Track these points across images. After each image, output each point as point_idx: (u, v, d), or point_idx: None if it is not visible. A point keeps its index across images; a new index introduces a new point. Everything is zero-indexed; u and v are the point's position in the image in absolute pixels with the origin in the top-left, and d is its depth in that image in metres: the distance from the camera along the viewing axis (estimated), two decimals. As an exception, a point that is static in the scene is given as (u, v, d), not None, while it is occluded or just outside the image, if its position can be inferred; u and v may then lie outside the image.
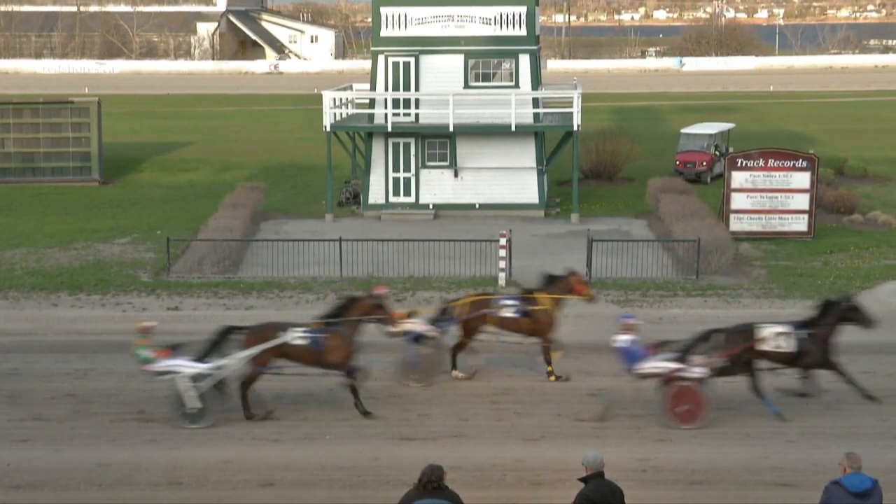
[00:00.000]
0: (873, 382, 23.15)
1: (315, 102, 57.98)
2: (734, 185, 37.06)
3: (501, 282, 31.27)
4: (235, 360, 21.20)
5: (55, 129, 49.61)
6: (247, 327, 21.78)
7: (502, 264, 31.61)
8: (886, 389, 22.68)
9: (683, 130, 51.97)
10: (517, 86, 41.51)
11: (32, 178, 49.31)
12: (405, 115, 41.74)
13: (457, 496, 12.66)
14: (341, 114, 44.40)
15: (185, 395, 20.85)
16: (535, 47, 42.44)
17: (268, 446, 19.98)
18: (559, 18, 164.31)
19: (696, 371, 20.71)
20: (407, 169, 41.90)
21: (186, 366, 20.96)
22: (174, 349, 21.29)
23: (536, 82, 42.31)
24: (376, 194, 42.03)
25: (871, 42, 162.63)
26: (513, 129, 40.65)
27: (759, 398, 21.25)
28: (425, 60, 41.65)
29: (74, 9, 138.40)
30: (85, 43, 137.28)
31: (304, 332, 21.36)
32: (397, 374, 23.33)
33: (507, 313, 23.60)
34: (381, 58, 41.95)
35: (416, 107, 41.69)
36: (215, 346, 21.31)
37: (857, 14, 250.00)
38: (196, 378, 20.85)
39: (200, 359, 21.10)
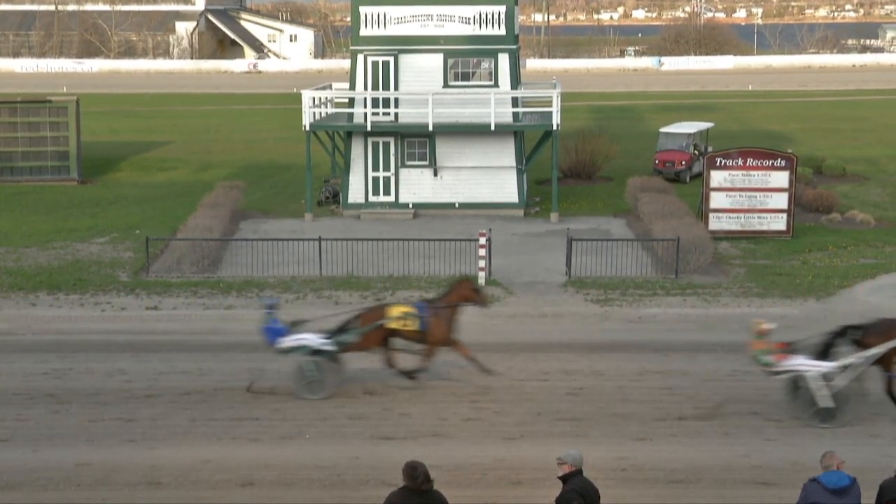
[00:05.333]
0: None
1: (294, 102, 57.89)
2: (713, 184, 37.13)
3: (481, 281, 31.27)
4: (862, 359, 20.87)
5: (33, 129, 49.38)
6: (864, 326, 21.45)
7: (482, 263, 31.61)
8: (865, 388, 22.77)
9: (662, 130, 52.06)
10: (496, 85, 41.51)
11: (10, 177, 49.06)
12: (384, 114, 41.69)
13: (443, 497, 12.55)
14: (320, 113, 44.34)
15: (817, 395, 20.67)
16: (514, 46, 42.45)
17: (247, 446, 19.94)
18: (538, 18, 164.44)
19: None
20: (386, 168, 41.86)
21: (814, 365, 20.78)
22: (790, 348, 21.05)
23: (516, 82, 42.33)
24: (356, 193, 42.00)
25: (849, 42, 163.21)
26: (492, 128, 40.64)
27: None
28: (404, 60, 41.62)
29: (52, 7, 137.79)
30: (63, 42, 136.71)
31: None
32: None
33: None
34: (360, 57, 41.90)
35: (396, 106, 41.65)
36: (832, 344, 21.05)
37: (835, 14, 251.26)
38: (827, 377, 20.69)
39: (820, 357, 20.88)
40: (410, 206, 41.76)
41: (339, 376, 22.75)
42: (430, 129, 40.79)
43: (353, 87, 42.40)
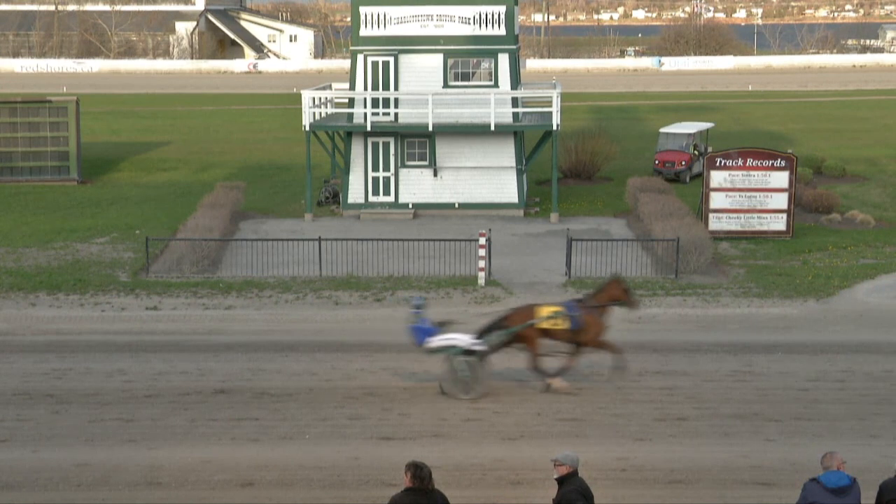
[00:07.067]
0: (852, 381, 23.27)
1: (294, 102, 57.92)
2: (713, 184, 37.12)
3: (481, 281, 31.27)
4: None
5: (33, 129, 49.37)
6: None
7: (482, 264, 31.60)
8: (865, 388, 22.78)
9: (662, 130, 52.05)
10: (496, 85, 41.52)
11: (10, 177, 49.06)
12: (384, 114, 41.69)
13: (444, 497, 12.53)
14: (320, 113, 44.33)
15: None
16: (514, 47, 42.45)
17: (247, 446, 19.93)
18: (538, 18, 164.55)
19: None
20: (386, 168, 41.87)
21: None
22: None
23: (516, 82, 42.33)
24: (356, 194, 42.00)
25: (849, 42, 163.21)
26: (492, 128, 40.64)
27: None
28: (404, 60, 41.63)
29: (52, 7, 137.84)
30: (63, 42, 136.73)
31: None
32: None
33: None
34: (360, 57, 41.90)
35: (396, 106, 41.65)
36: None
37: (835, 14, 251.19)
38: None
39: None
40: (410, 206, 41.76)
41: (489, 376, 22.68)
42: (430, 129, 40.79)
43: (353, 87, 42.41)
